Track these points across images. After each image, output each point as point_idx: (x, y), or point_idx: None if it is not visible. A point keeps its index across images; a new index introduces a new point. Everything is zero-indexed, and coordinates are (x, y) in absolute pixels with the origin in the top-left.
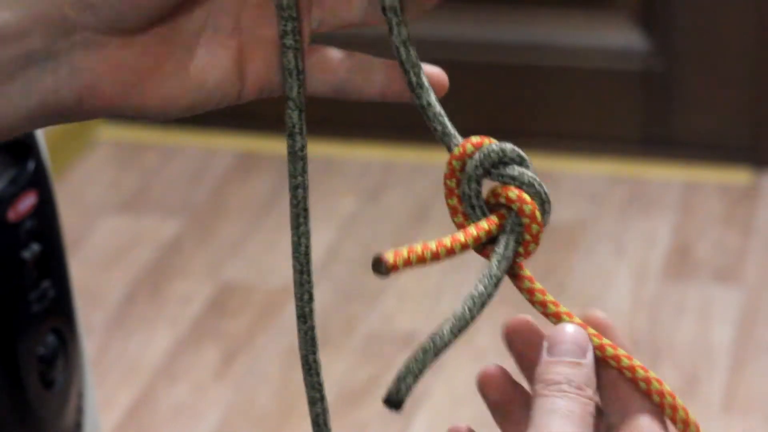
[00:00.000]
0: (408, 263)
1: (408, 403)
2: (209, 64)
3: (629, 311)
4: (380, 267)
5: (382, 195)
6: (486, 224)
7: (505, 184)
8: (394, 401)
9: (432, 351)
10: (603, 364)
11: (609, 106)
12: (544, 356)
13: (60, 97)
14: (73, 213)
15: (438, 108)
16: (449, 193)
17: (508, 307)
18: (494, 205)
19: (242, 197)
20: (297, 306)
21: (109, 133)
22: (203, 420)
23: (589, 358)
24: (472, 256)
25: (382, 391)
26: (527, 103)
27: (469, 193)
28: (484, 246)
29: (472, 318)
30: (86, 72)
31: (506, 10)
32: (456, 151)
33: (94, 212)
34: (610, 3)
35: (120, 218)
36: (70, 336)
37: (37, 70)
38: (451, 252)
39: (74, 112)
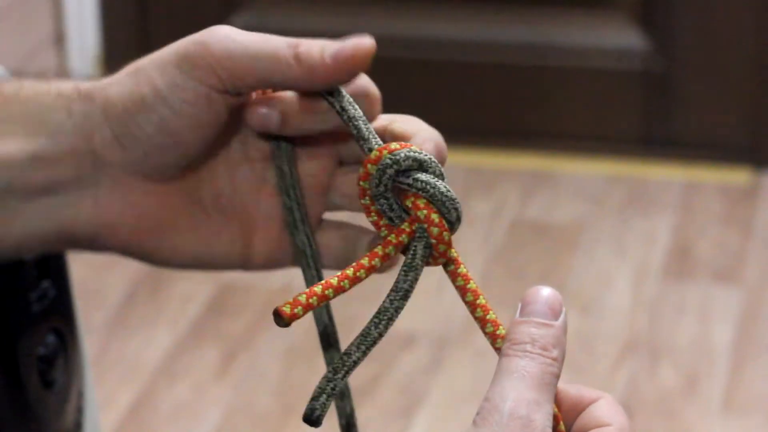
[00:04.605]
0: (309, 307)
1: (408, 403)
2: (221, 230)
3: (629, 311)
4: (279, 320)
5: None
6: (394, 238)
7: (413, 191)
8: (310, 420)
9: (342, 371)
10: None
11: (609, 106)
12: (516, 316)
13: (77, 229)
14: None
15: (353, 112)
16: (362, 193)
17: (508, 308)
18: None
19: None
20: None
21: None
22: (203, 420)
23: (561, 320)
24: (473, 253)
25: (382, 391)
26: (527, 103)
27: (378, 193)
28: (404, 251)
29: (380, 335)
30: (109, 211)
31: (506, 10)
32: (373, 155)
33: None
34: (610, 3)
35: None
36: (70, 336)
37: (61, 198)
38: (356, 280)
39: (86, 245)
